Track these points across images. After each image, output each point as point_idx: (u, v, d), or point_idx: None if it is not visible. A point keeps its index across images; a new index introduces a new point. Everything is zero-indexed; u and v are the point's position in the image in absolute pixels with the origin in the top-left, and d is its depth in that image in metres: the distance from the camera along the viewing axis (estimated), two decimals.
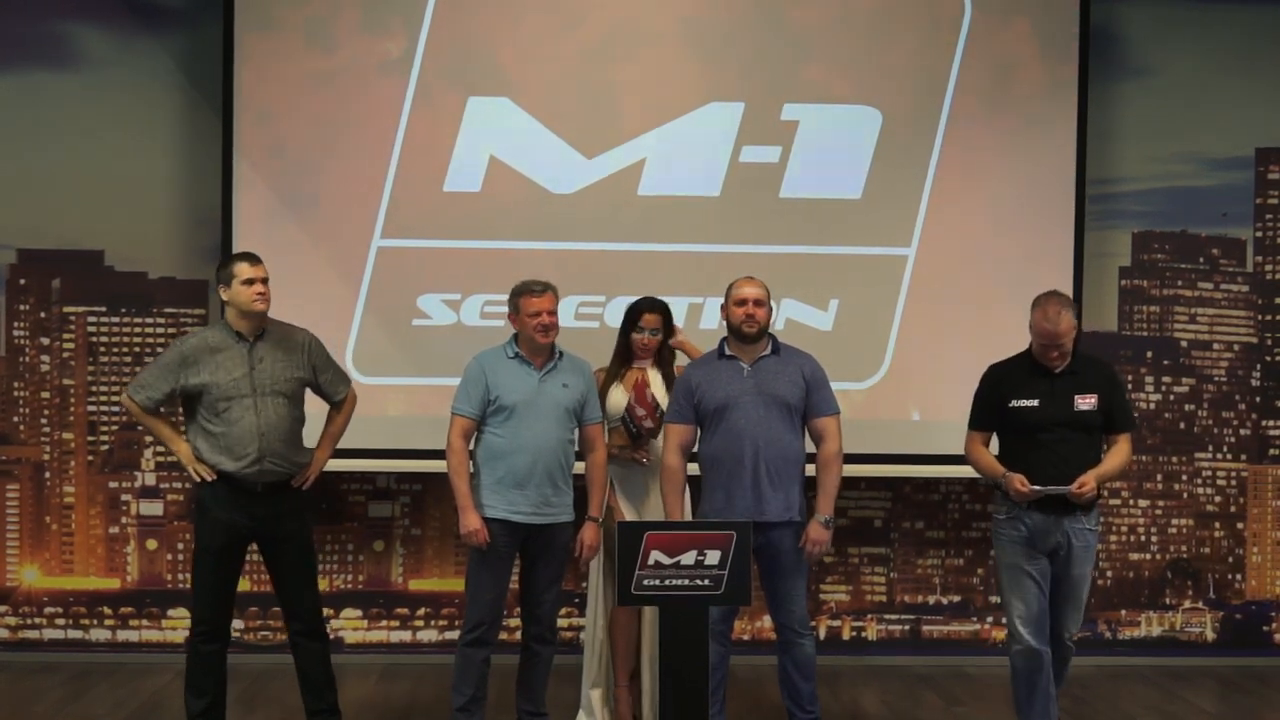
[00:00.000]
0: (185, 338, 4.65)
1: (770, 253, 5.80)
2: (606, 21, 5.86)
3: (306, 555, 4.71)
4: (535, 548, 4.64)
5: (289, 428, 4.57)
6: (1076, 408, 4.49)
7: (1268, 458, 6.34)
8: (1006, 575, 4.62)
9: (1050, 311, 4.46)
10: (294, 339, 4.66)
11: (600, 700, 4.97)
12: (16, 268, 6.03)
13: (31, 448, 6.07)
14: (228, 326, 4.56)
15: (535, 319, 4.57)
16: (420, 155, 5.81)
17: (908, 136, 5.89)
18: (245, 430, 4.48)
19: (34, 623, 6.07)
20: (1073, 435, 4.49)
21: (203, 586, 4.60)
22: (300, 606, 4.69)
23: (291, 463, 4.58)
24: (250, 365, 4.52)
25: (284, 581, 4.68)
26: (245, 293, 4.51)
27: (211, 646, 4.60)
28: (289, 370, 4.58)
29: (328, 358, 4.75)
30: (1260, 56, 6.23)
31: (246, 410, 4.48)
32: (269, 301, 4.56)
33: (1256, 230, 6.31)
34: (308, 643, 4.70)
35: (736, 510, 4.51)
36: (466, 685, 4.61)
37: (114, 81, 5.96)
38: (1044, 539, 4.51)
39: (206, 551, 4.57)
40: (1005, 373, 4.64)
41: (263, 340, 4.57)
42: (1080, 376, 4.53)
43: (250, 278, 4.51)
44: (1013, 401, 4.54)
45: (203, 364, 4.50)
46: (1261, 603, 6.36)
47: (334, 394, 4.76)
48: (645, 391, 4.84)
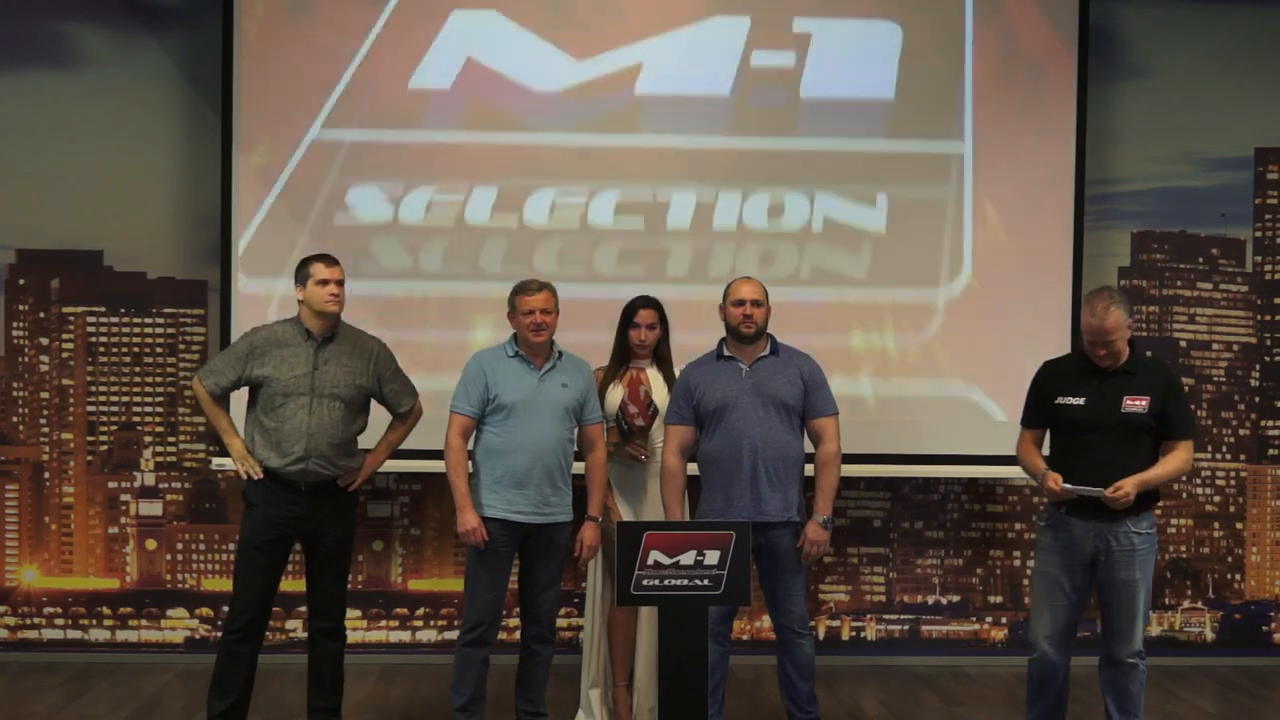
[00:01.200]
0: (257, 329, 4.69)
1: (794, 149, 5.47)
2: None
3: (343, 556, 4.74)
4: (534, 547, 4.64)
5: (341, 432, 4.58)
6: (1124, 409, 4.30)
7: (1267, 458, 6.35)
8: (1038, 581, 4.48)
9: (1097, 307, 4.27)
10: (364, 346, 4.68)
11: (599, 700, 4.98)
12: (16, 268, 6.03)
13: (31, 448, 6.07)
14: (300, 324, 4.60)
15: (528, 318, 4.58)
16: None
17: (933, 50, 5.78)
18: (295, 428, 4.51)
19: (33, 623, 6.07)
20: (1119, 439, 4.30)
21: (245, 583, 4.61)
22: (328, 605, 4.72)
23: (338, 466, 4.59)
24: (313, 365, 4.55)
25: (317, 579, 4.70)
26: (319, 293, 4.55)
27: (246, 646, 4.61)
28: (352, 376, 4.60)
29: (396, 369, 4.76)
30: (1260, 56, 6.23)
31: (300, 409, 4.51)
32: (343, 304, 4.59)
33: (1256, 230, 6.32)
34: (327, 641, 4.73)
35: (735, 511, 4.52)
36: (466, 685, 4.62)
37: (114, 81, 5.97)
38: (1082, 545, 4.36)
39: (250, 547, 4.59)
40: (1057, 369, 4.53)
41: (332, 343, 4.60)
42: (1134, 377, 4.34)
43: (325, 278, 4.55)
44: (1059, 399, 4.41)
45: (269, 357, 4.54)
46: (1260, 603, 6.36)
47: (398, 405, 4.77)
48: (639, 389, 4.84)
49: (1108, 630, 4.43)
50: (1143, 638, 4.40)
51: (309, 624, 4.80)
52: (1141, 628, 4.39)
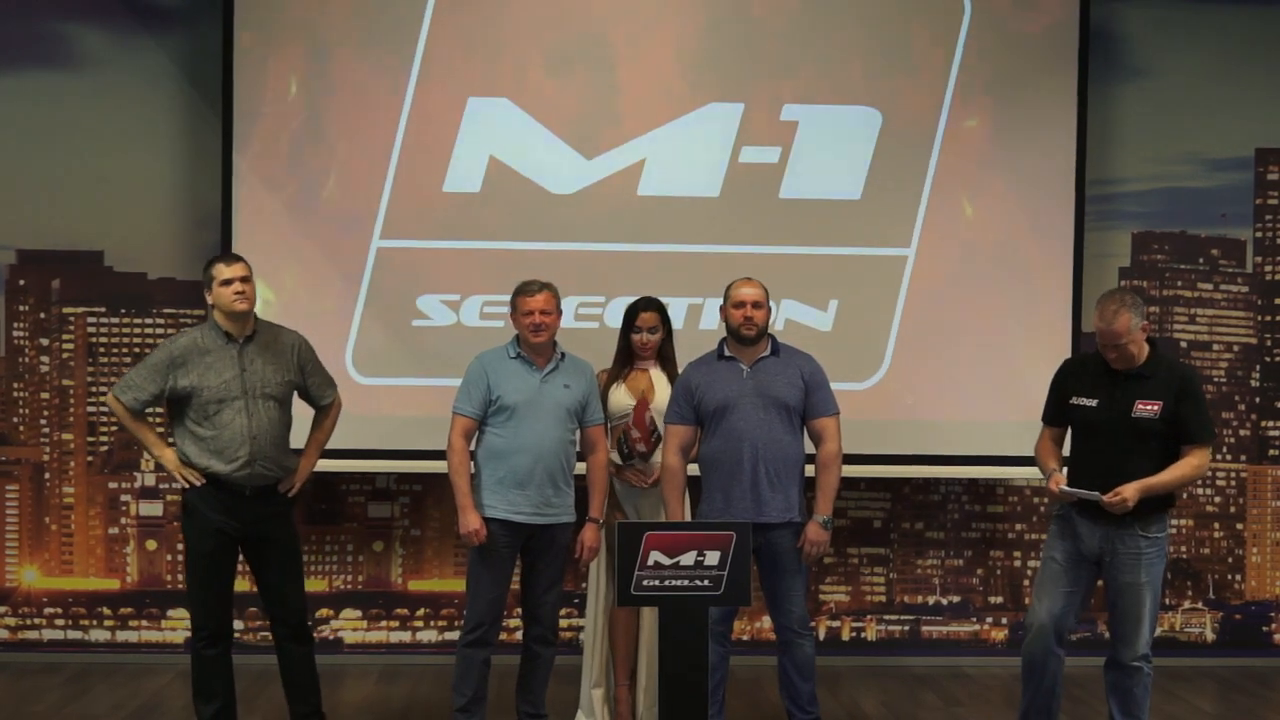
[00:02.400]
0: (174, 338, 4.60)
1: (770, 253, 5.79)
2: (606, 21, 5.85)
3: (293, 558, 4.69)
4: (536, 548, 4.64)
5: (279, 431, 4.55)
6: (1135, 413, 4.27)
7: (1267, 458, 6.34)
8: (1042, 569, 4.49)
9: (1107, 311, 4.25)
10: (283, 341, 4.62)
11: (600, 700, 4.98)
12: (16, 268, 6.03)
13: (31, 448, 6.07)
14: (217, 327, 4.51)
15: (527, 318, 4.58)
16: (420, 155, 5.80)
17: (908, 137, 5.89)
18: (236, 433, 4.44)
19: (33, 623, 6.06)
20: (1128, 442, 4.27)
21: (198, 590, 4.58)
22: (285, 609, 4.67)
23: (281, 466, 4.57)
24: (241, 367, 4.48)
25: (269, 585, 4.66)
26: (224, 294, 4.45)
27: (214, 650, 4.58)
28: (279, 373, 4.55)
29: (316, 361, 4.72)
30: (1260, 57, 6.23)
31: (238, 413, 4.45)
32: (251, 301, 4.50)
33: (1256, 231, 6.31)
34: (294, 646, 4.68)
35: (736, 511, 4.51)
36: (467, 686, 4.62)
37: (114, 82, 5.96)
38: (1088, 544, 4.37)
39: (198, 555, 4.55)
40: (1075, 368, 4.53)
41: (252, 342, 4.53)
42: (1149, 381, 4.29)
43: (228, 278, 4.44)
44: (1074, 399, 4.40)
45: (192, 365, 4.45)
46: (1261, 603, 6.36)
47: (320, 398, 4.72)
48: (645, 415, 4.83)
49: (1113, 633, 4.43)
50: (1149, 642, 4.39)
51: (273, 633, 4.72)
52: (1148, 632, 4.37)
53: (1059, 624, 4.43)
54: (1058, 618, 4.42)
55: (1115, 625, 4.41)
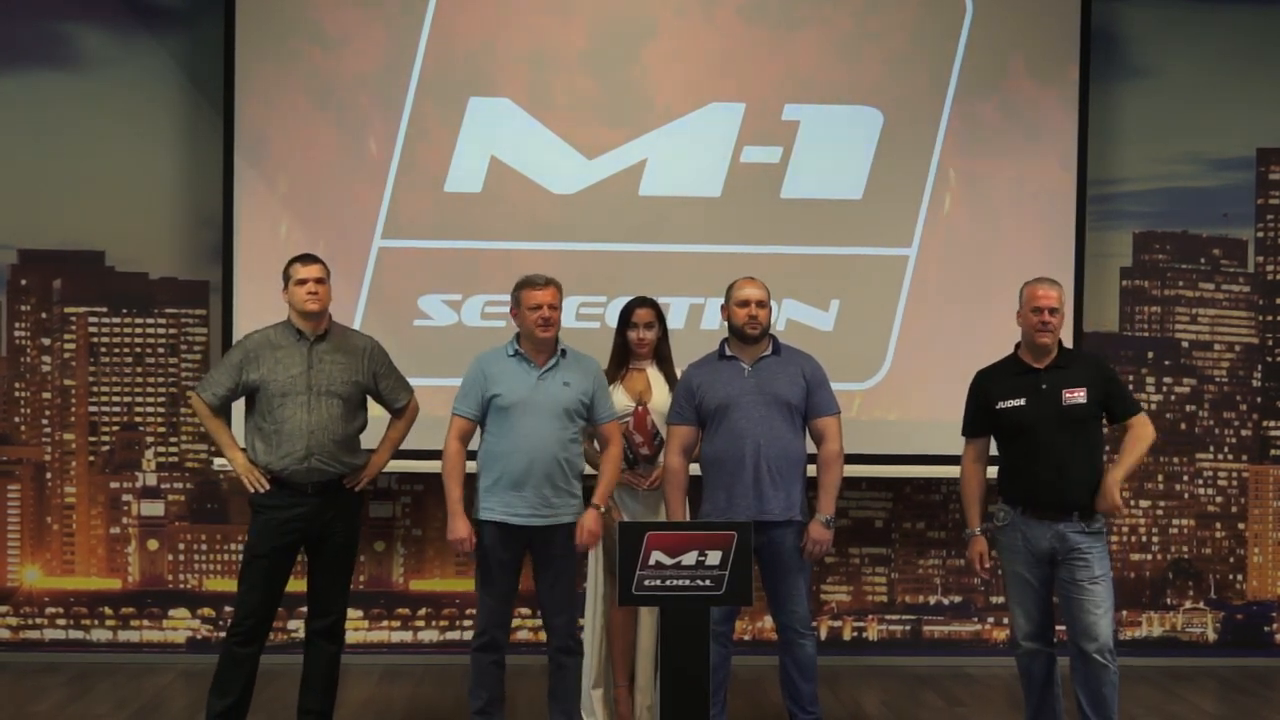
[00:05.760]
0: (250, 335, 4.70)
1: (771, 253, 5.80)
2: (607, 21, 5.86)
3: (347, 558, 4.73)
4: (540, 555, 4.57)
5: (341, 428, 4.58)
6: (1065, 402, 4.42)
7: (1269, 458, 6.34)
8: (1008, 581, 4.60)
9: (1043, 281, 4.51)
10: (355, 344, 4.70)
11: (601, 700, 4.97)
12: (17, 268, 6.03)
13: (32, 448, 6.07)
14: (290, 325, 4.61)
15: (536, 312, 4.49)
16: (421, 155, 5.82)
17: (909, 137, 5.89)
18: (295, 427, 4.51)
19: (35, 623, 6.07)
20: (1066, 435, 4.40)
21: (249, 587, 4.60)
22: (328, 606, 4.71)
23: (342, 463, 4.59)
24: (308, 364, 4.55)
25: (319, 580, 4.69)
26: (298, 293, 4.57)
27: (247, 649, 4.60)
28: (347, 373, 4.61)
29: (390, 365, 4.77)
30: (1261, 56, 6.23)
31: (299, 408, 4.52)
32: (323, 301, 4.59)
33: (1258, 230, 6.31)
34: (325, 643, 4.71)
35: (738, 510, 4.51)
36: (482, 689, 4.57)
37: (114, 81, 5.97)
38: (1039, 544, 4.46)
39: (256, 553, 4.58)
40: (991, 375, 4.62)
41: (324, 341, 4.61)
42: (1067, 371, 4.47)
43: (303, 277, 4.57)
44: (1000, 403, 4.50)
45: (263, 360, 4.56)
46: (1262, 603, 6.36)
47: (394, 401, 4.78)
48: (646, 419, 4.83)
49: (1073, 626, 4.46)
50: (1111, 636, 4.44)
51: (307, 624, 4.77)
52: (1108, 625, 4.43)
53: (1042, 628, 4.54)
54: (1039, 624, 4.53)
55: (1075, 618, 4.45)
